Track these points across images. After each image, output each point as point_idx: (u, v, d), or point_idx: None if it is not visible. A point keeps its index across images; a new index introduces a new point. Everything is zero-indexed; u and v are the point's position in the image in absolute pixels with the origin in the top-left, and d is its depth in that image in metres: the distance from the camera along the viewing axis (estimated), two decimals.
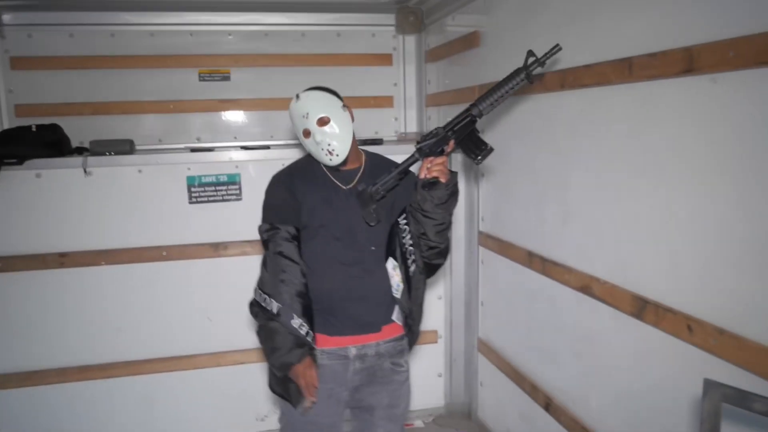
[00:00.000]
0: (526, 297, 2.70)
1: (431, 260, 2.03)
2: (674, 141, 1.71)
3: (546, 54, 1.80)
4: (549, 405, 2.48)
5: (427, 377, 3.48)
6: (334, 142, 1.94)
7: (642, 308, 1.86)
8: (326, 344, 2.01)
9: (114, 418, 3.08)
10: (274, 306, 1.92)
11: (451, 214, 1.96)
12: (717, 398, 1.18)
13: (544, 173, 2.47)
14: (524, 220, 2.68)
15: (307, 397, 1.94)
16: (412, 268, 2.01)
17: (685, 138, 1.66)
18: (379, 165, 2.09)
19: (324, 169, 2.05)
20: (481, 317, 3.27)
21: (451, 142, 1.88)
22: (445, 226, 1.96)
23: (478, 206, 3.19)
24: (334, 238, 2.00)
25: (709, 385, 1.20)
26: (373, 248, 2.04)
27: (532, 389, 2.65)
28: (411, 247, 1.99)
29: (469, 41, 3.04)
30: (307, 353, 1.93)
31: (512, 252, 2.78)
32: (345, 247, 2.01)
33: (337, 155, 1.95)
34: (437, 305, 3.45)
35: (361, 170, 2.07)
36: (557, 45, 1.80)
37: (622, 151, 1.94)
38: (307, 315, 1.94)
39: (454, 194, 1.90)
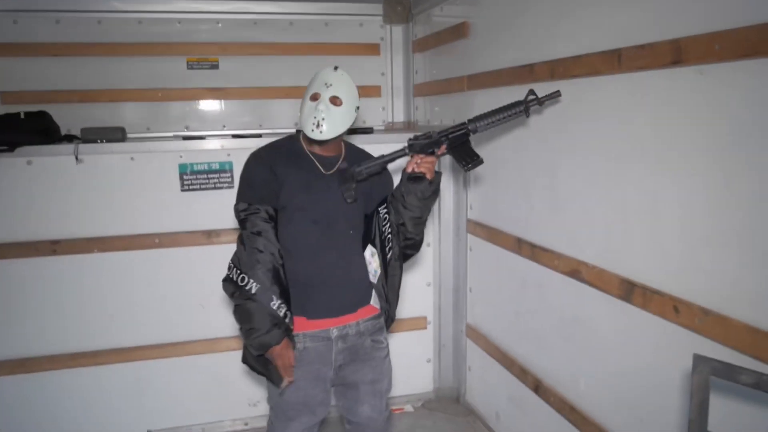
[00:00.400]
0: (515, 283, 2.77)
1: (404, 250, 2.14)
2: (661, 130, 1.77)
3: (546, 96, 2.01)
4: (538, 387, 2.56)
5: (417, 363, 3.55)
6: (327, 122, 1.98)
7: (630, 291, 1.93)
8: (308, 327, 2.07)
9: (107, 405, 3.10)
10: (252, 286, 1.93)
11: (429, 210, 2.08)
12: (706, 372, 1.26)
13: (532, 161, 2.53)
14: (513, 208, 2.75)
15: (285, 378, 2.00)
16: (389, 255, 2.09)
17: (672, 127, 1.73)
18: (358, 155, 2.17)
19: (306, 151, 2.09)
20: (469, 303, 3.34)
21: (443, 147, 2.02)
22: (423, 220, 2.08)
23: (466, 194, 3.25)
24: (312, 222, 2.05)
25: (699, 360, 1.27)
26: (351, 232, 2.11)
27: (521, 372, 2.73)
28: (390, 236, 2.08)
29: (458, 32, 3.09)
30: (284, 334, 1.97)
31: (501, 239, 2.84)
32: (323, 232, 2.06)
33: (321, 132, 1.98)
34: (426, 292, 3.51)
35: (342, 157, 2.13)
36: (558, 91, 2.04)
37: (611, 139, 2.00)
38: (284, 296, 1.98)
39: (435, 192, 2.03)
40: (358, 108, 2.07)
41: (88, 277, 2.99)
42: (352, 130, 3.24)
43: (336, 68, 2.04)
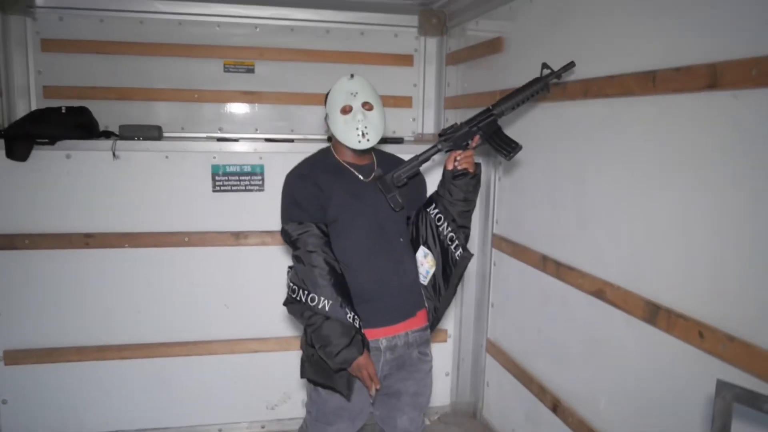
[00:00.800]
0: (538, 300, 2.78)
1: None
2: (693, 153, 1.78)
3: (562, 68, 2.07)
4: (557, 406, 2.56)
5: (435, 375, 3.49)
6: (370, 128, 2.02)
7: (654, 314, 1.93)
8: None
9: (128, 398, 3.17)
10: (325, 304, 1.93)
11: (475, 200, 2.13)
12: (729, 398, 1.26)
13: (561, 178, 2.54)
14: (539, 224, 2.76)
15: (372, 386, 1.99)
16: (458, 252, 2.09)
17: (704, 150, 1.74)
18: (388, 159, 2.22)
19: (343, 163, 2.12)
20: (490, 318, 3.34)
21: (476, 137, 2.06)
22: (470, 212, 2.13)
23: (493, 209, 3.26)
24: (364, 232, 2.07)
25: (722, 386, 1.27)
26: (401, 239, 2.15)
27: (539, 391, 2.72)
28: (452, 233, 2.10)
29: (493, 46, 3.12)
30: (364, 344, 1.97)
31: (526, 255, 2.85)
32: (375, 240, 2.08)
33: (368, 140, 2.03)
34: None
35: (375, 164, 2.17)
36: (572, 62, 2.11)
37: (641, 160, 2.01)
38: (352, 306, 1.98)
39: (479, 182, 2.10)
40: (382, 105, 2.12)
41: (117, 272, 3.06)
42: (383, 140, 3.29)
43: (351, 76, 2.08)
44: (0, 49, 3.35)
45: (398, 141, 3.45)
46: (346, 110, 2.02)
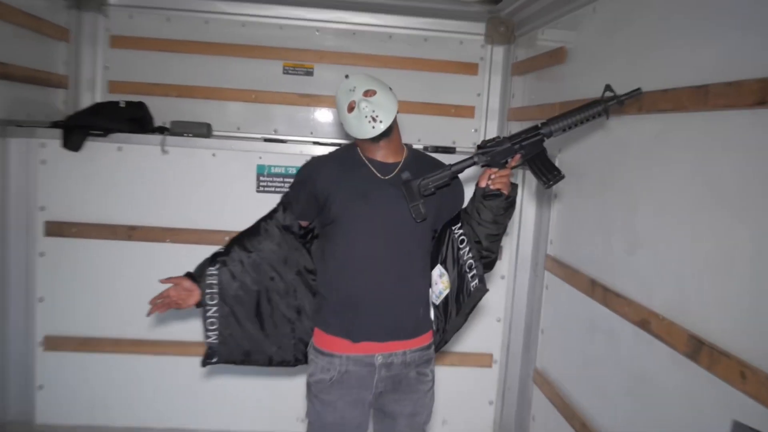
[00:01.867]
0: (586, 328, 2.70)
1: None
2: (743, 175, 1.71)
3: (626, 94, 1.88)
4: None
5: (478, 403, 3.52)
6: (378, 110, 1.95)
7: (697, 349, 1.84)
8: (352, 350, 2.06)
9: (159, 395, 3.30)
10: (221, 249, 2.27)
11: (506, 225, 2.02)
12: None
13: (614, 198, 2.48)
14: (590, 246, 2.68)
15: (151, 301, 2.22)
16: (474, 282, 1.98)
17: (754, 173, 1.66)
18: (420, 160, 2.14)
19: (363, 158, 2.08)
20: (540, 346, 3.27)
21: (517, 156, 1.94)
22: (499, 237, 2.02)
23: (548, 228, 3.20)
24: (367, 237, 2.03)
25: (738, 427, 1.22)
26: (418, 250, 2.09)
27: (581, 427, 2.63)
28: (472, 260, 1.99)
29: (556, 56, 3.08)
30: (185, 278, 2.25)
31: (576, 279, 2.78)
32: (384, 246, 2.03)
33: (381, 122, 1.94)
34: (495, 327, 3.48)
35: (401, 164, 2.09)
36: (639, 89, 1.91)
37: (692, 182, 1.94)
38: (226, 275, 2.24)
39: (512, 205, 1.97)
40: (390, 88, 2.06)
41: (158, 266, 3.16)
42: (434, 148, 3.31)
43: (347, 76, 2.06)
44: (72, 43, 3.63)
45: (450, 151, 3.45)
46: (351, 107, 1.98)
